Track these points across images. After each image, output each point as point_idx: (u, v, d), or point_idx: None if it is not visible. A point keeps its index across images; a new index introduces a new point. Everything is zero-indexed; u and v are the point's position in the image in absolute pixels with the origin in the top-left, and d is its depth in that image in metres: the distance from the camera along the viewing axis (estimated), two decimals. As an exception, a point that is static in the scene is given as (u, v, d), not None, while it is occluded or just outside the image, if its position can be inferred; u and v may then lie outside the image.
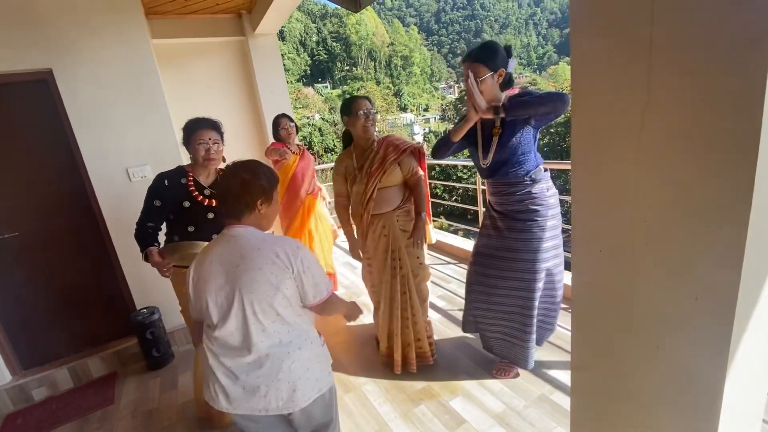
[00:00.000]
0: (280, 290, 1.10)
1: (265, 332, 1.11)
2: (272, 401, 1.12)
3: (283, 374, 1.12)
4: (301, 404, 1.15)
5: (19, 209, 2.37)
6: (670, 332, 0.85)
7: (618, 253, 0.91)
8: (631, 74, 0.80)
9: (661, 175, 0.79)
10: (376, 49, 75.88)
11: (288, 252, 1.12)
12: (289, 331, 1.15)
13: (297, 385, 1.13)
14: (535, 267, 1.81)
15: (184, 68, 3.78)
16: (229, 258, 1.11)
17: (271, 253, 1.11)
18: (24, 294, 2.43)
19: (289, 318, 1.15)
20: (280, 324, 1.13)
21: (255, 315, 1.09)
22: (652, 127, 0.78)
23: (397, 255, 2.06)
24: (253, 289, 1.08)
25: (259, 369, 1.11)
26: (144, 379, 2.48)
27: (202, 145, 1.77)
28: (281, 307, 1.12)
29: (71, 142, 2.39)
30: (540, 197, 1.78)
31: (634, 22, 0.77)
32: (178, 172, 1.84)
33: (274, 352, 1.12)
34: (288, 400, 1.13)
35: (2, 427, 2.21)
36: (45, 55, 2.26)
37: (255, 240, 1.13)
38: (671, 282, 0.82)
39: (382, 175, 1.99)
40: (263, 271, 1.09)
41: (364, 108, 1.97)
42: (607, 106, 0.86)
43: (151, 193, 1.79)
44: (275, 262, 1.10)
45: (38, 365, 2.52)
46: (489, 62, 1.66)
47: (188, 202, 1.79)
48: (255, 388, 1.11)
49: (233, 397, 1.13)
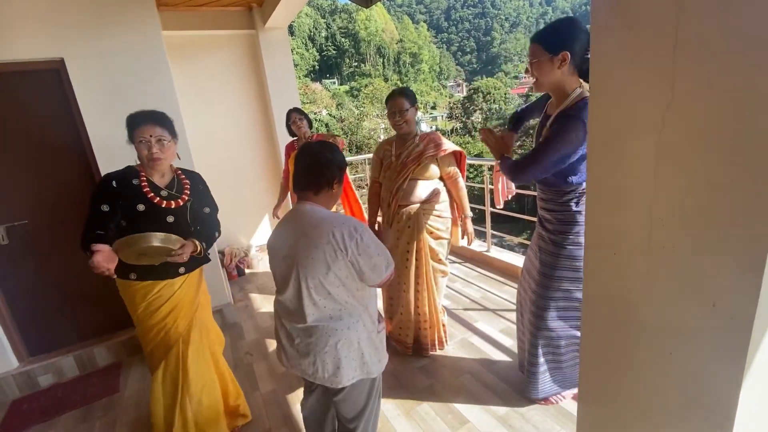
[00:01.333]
0: (332, 270, 1.14)
1: (316, 306, 1.18)
2: (319, 370, 1.20)
3: (329, 348, 1.19)
4: (344, 382, 1.21)
5: (29, 197, 2.38)
6: (684, 338, 0.83)
7: (633, 256, 0.89)
8: (654, 72, 0.77)
9: (681, 177, 0.77)
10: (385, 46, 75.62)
11: (344, 234, 1.14)
12: (340, 310, 1.20)
13: (341, 362, 1.20)
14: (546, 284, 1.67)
15: (194, 61, 3.79)
16: (293, 232, 1.19)
17: (328, 233, 1.14)
18: (32, 282, 2.45)
19: (341, 297, 1.19)
20: (331, 301, 1.18)
21: (308, 289, 1.16)
22: (674, 126, 0.76)
23: (418, 246, 2.10)
24: (308, 265, 1.14)
25: (309, 337, 1.19)
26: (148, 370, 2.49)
27: (143, 144, 1.58)
28: (332, 286, 1.17)
29: (81, 131, 2.40)
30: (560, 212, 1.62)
31: (660, 18, 0.74)
32: (129, 172, 1.64)
33: (323, 326, 1.18)
34: (332, 374, 1.20)
35: (8, 412, 2.23)
36: (57, 45, 2.26)
37: (316, 218, 1.17)
38: (688, 287, 0.80)
39: (417, 167, 2.02)
40: (318, 250, 1.13)
41: (396, 107, 2.02)
42: (626, 106, 0.84)
43: (96, 197, 1.57)
44: (330, 242, 1.13)
45: (45, 352, 2.54)
46: (546, 42, 1.40)
47: (143, 206, 1.59)
48: (305, 353, 1.21)
49: (290, 356, 1.25)
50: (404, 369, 2.17)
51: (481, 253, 3.51)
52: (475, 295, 2.92)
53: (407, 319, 2.19)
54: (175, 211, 1.66)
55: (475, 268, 3.42)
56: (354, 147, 33.49)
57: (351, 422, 1.35)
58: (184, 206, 1.68)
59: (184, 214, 1.68)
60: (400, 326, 2.23)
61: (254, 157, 4.11)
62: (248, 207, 4.23)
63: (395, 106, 2.02)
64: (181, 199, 1.68)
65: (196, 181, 1.79)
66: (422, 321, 2.20)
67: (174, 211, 1.65)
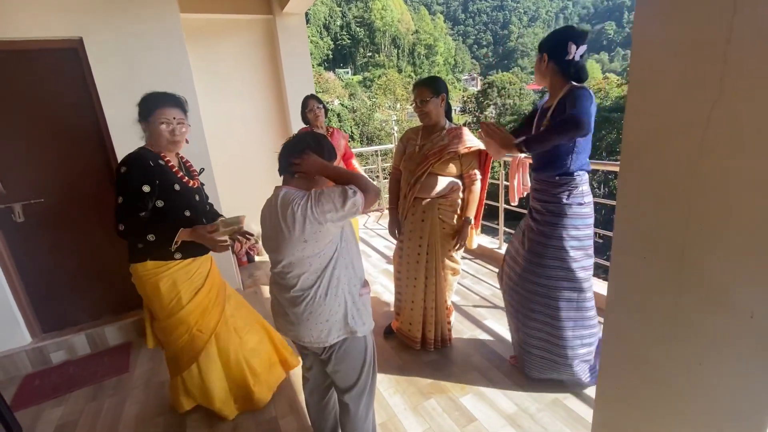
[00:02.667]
0: (308, 243, 1.19)
1: (299, 278, 1.24)
2: (306, 335, 1.29)
3: (315, 313, 1.26)
4: (330, 341, 1.29)
5: (45, 176, 2.40)
6: (716, 349, 0.79)
7: (664, 261, 0.85)
8: (702, 67, 0.73)
9: (725, 179, 0.73)
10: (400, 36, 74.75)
11: (301, 205, 1.18)
12: (319, 278, 1.25)
13: (327, 324, 1.27)
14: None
15: (211, 44, 3.76)
16: (271, 216, 1.24)
17: (293, 211, 1.18)
18: (47, 259, 2.48)
19: (320, 265, 1.24)
20: (313, 273, 1.24)
21: (290, 265, 1.23)
22: (720, 124, 0.72)
23: (430, 241, 2.07)
24: (285, 244, 1.20)
25: (296, 306, 1.27)
26: (158, 351, 2.50)
27: (166, 125, 1.56)
28: (312, 257, 1.22)
29: (98, 111, 2.40)
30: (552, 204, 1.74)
31: (713, 10, 0.69)
32: (150, 154, 1.60)
33: (307, 293, 1.25)
34: (318, 336, 1.28)
35: (20, 386, 2.28)
36: (77, 24, 2.26)
37: (285, 200, 1.20)
38: (725, 295, 0.76)
39: (438, 161, 1.97)
40: (292, 229, 1.18)
41: (418, 96, 1.98)
42: (668, 103, 0.80)
43: (134, 178, 1.51)
44: (297, 218, 1.17)
45: (57, 329, 2.58)
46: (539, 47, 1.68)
47: (178, 185, 1.61)
48: (295, 321, 1.29)
49: (283, 323, 1.34)
50: (412, 363, 2.16)
51: (493, 249, 3.47)
52: (485, 293, 2.89)
53: (417, 313, 2.17)
54: (198, 190, 1.74)
55: (486, 265, 3.38)
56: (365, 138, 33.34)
57: (346, 393, 1.38)
58: (200, 185, 1.78)
59: (201, 192, 1.77)
60: (410, 321, 2.21)
61: (267, 143, 4.08)
62: (260, 193, 4.21)
63: (418, 95, 1.97)
64: (196, 180, 1.76)
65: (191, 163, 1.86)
66: (428, 316, 2.17)
67: (197, 190, 1.73)
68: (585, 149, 1.68)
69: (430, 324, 2.19)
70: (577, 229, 1.71)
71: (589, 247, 1.76)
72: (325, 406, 1.56)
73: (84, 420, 1.98)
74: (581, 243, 1.73)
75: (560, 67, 1.61)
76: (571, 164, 1.68)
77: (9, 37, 2.15)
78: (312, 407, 1.56)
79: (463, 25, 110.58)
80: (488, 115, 32.67)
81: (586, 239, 1.73)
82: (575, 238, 1.72)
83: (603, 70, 62.42)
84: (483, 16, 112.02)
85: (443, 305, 2.17)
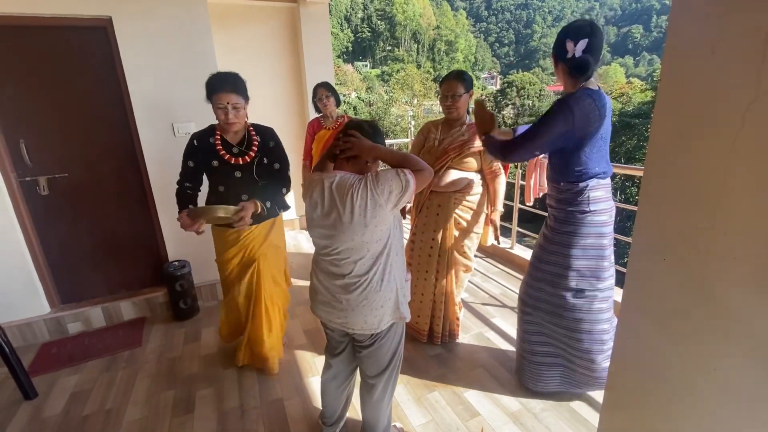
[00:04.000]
0: (368, 227, 1.17)
1: (356, 264, 1.23)
2: (359, 322, 1.28)
3: (371, 300, 1.25)
4: (381, 327, 1.30)
5: (71, 151, 2.46)
6: (734, 353, 0.78)
7: (686, 263, 0.84)
8: (738, 67, 0.71)
9: (756, 182, 0.71)
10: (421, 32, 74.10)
11: (361, 186, 1.17)
12: (375, 263, 1.24)
13: (381, 310, 1.27)
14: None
15: (235, 30, 3.79)
16: (323, 200, 1.21)
17: (353, 193, 1.17)
18: (68, 233, 2.56)
19: (377, 251, 1.23)
20: (369, 258, 1.23)
21: (348, 250, 1.21)
22: (756, 126, 0.70)
23: (443, 236, 2.07)
24: (345, 229, 1.18)
25: (350, 293, 1.25)
26: (170, 328, 2.58)
27: (221, 110, 1.72)
28: (371, 242, 1.21)
29: (123, 91, 2.45)
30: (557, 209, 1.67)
31: (753, 7, 0.67)
32: (208, 131, 1.84)
33: (363, 280, 1.24)
34: (371, 323, 1.28)
35: (38, 353, 2.37)
36: (107, 3, 2.29)
37: (343, 184, 1.19)
38: (747, 300, 0.75)
39: (457, 157, 1.96)
40: (352, 214, 1.16)
41: (450, 90, 1.95)
42: (701, 102, 0.78)
43: (185, 154, 1.85)
44: (357, 203, 1.16)
45: (75, 301, 2.67)
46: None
47: (216, 162, 1.80)
48: (347, 308, 1.27)
49: (330, 311, 1.31)
50: (418, 355, 2.17)
51: (505, 249, 3.45)
52: (495, 291, 2.88)
53: (426, 306, 2.18)
54: (243, 167, 1.83)
55: (497, 264, 3.36)
56: (380, 132, 33.17)
57: (377, 377, 1.40)
58: (251, 162, 1.85)
59: (250, 169, 1.85)
60: (418, 314, 2.22)
61: (286, 131, 4.10)
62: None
63: (449, 89, 1.93)
64: (248, 156, 1.84)
65: (267, 137, 1.92)
66: (437, 311, 2.18)
67: (242, 167, 1.83)
68: (595, 156, 1.55)
69: (439, 318, 2.19)
70: (580, 237, 1.60)
71: (598, 258, 1.62)
72: (343, 391, 1.57)
73: (97, 389, 2.05)
74: (585, 252, 1.61)
75: (566, 66, 1.54)
76: (578, 172, 1.57)
77: (41, 13, 2.20)
78: (330, 393, 1.56)
79: (485, 22, 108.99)
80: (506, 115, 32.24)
81: (591, 249, 1.61)
82: (578, 246, 1.61)
83: (627, 75, 60.90)
84: (506, 14, 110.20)
85: (453, 301, 2.17)
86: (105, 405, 1.93)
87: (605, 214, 1.60)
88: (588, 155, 1.54)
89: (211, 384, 2.03)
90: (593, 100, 1.46)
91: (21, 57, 2.26)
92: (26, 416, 1.89)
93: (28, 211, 2.43)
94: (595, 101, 1.46)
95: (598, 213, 1.59)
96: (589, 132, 1.49)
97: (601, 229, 1.60)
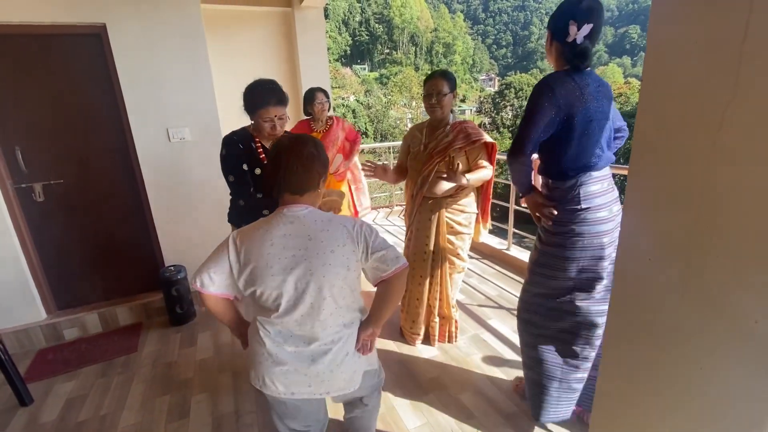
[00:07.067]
0: (351, 270, 1.09)
1: (333, 316, 1.11)
2: (335, 383, 1.15)
3: (348, 357, 1.15)
4: (358, 382, 1.20)
5: (66, 158, 2.47)
6: (719, 354, 0.78)
7: (670, 263, 0.84)
8: (716, 67, 0.72)
9: (735, 182, 0.72)
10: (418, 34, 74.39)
11: (355, 228, 1.11)
12: (351, 316, 1.17)
13: (356, 366, 1.18)
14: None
15: (228, 35, 3.81)
16: (296, 241, 1.06)
17: (342, 233, 1.08)
18: (64, 239, 2.56)
19: (356, 299, 1.17)
20: (346, 307, 1.14)
21: (332, 297, 1.08)
22: (733, 127, 0.70)
23: (437, 240, 2.06)
24: (326, 272, 1.05)
25: (325, 355, 1.11)
26: (166, 333, 2.58)
27: (268, 123, 1.69)
28: (350, 290, 1.13)
29: (118, 97, 2.46)
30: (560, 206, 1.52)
31: (729, 6, 0.68)
32: (247, 135, 1.76)
33: (339, 336, 1.13)
34: (349, 383, 1.17)
35: (34, 359, 2.36)
36: (101, 10, 2.31)
37: (321, 221, 1.09)
38: (729, 300, 0.75)
39: (443, 160, 1.94)
40: (335, 254, 1.06)
41: (434, 88, 1.90)
42: (681, 103, 0.78)
43: (231, 158, 1.71)
44: (346, 243, 1.08)
45: (71, 307, 2.67)
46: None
47: (259, 169, 1.75)
48: (318, 373, 1.11)
49: (291, 382, 1.11)
50: (412, 358, 2.17)
51: (501, 250, 3.45)
52: (491, 293, 2.88)
53: (421, 311, 2.17)
54: None
55: (493, 266, 3.36)
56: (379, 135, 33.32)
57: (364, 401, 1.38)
58: None
59: None
60: (413, 319, 2.21)
61: (281, 136, 4.14)
62: (271, 185, 4.28)
63: (433, 87, 1.89)
64: None
65: None
66: (433, 315, 2.18)
67: None
68: (586, 145, 1.42)
69: (433, 321, 2.20)
70: (576, 237, 1.49)
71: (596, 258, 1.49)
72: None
73: (93, 395, 2.04)
74: (582, 253, 1.50)
75: (563, 49, 1.41)
76: (566, 166, 1.46)
77: (36, 21, 2.22)
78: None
79: (483, 24, 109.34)
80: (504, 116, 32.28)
81: (589, 249, 1.48)
82: (575, 247, 1.50)
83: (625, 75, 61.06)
84: (504, 15, 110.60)
85: (447, 302, 2.17)
86: (100, 411, 1.93)
87: (603, 210, 1.46)
88: (576, 145, 1.42)
89: (207, 389, 2.03)
90: (572, 78, 1.38)
91: (16, 64, 2.27)
92: (22, 423, 1.88)
93: (23, 218, 2.44)
94: (574, 80, 1.37)
95: (594, 209, 1.46)
96: (574, 111, 1.37)
97: (599, 227, 1.46)
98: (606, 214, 1.47)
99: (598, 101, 1.41)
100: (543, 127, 1.40)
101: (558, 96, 1.36)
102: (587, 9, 1.34)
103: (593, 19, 1.34)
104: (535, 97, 1.40)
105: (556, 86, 1.36)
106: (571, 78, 1.38)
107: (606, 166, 1.49)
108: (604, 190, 1.47)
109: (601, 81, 1.45)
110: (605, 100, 1.43)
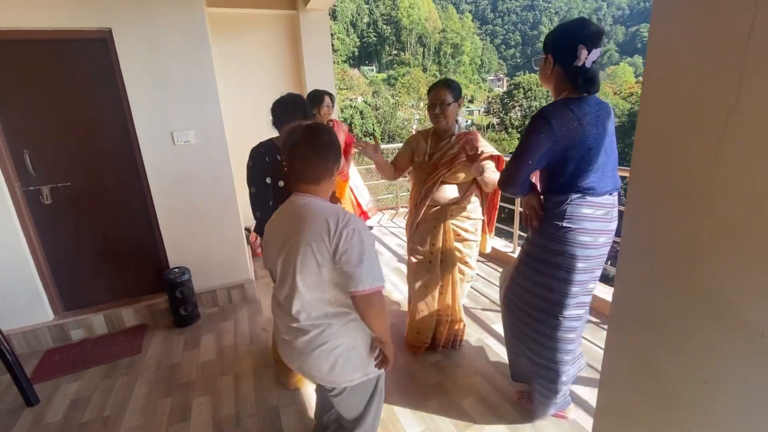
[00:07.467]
0: (322, 268, 1.08)
1: (309, 305, 1.13)
2: (312, 370, 1.17)
3: (325, 349, 1.15)
4: (341, 383, 1.20)
5: (73, 161, 2.50)
6: (724, 367, 0.75)
7: (672, 271, 0.81)
8: (720, 69, 0.69)
9: (740, 186, 0.69)
10: (426, 35, 74.28)
11: (332, 226, 1.07)
12: (335, 309, 1.15)
13: (337, 363, 1.16)
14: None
15: (234, 38, 3.83)
16: (288, 227, 1.14)
17: (321, 229, 1.07)
18: (71, 241, 2.59)
19: (335, 297, 1.14)
20: (324, 302, 1.14)
21: (306, 287, 1.11)
22: (738, 131, 0.68)
23: (444, 248, 2.02)
24: (302, 262, 1.09)
25: (304, 336, 1.15)
26: (170, 335, 2.60)
27: None
28: (326, 285, 1.11)
29: (124, 101, 2.48)
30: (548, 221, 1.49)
31: (733, 6, 0.66)
32: (272, 148, 1.76)
33: (318, 323, 1.14)
34: (327, 374, 1.16)
35: (42, 359, 2.39)
36: (107, 15, 2.33)
37: (311, 213, 1.10)
38: (734, 312, 0.72)
39: (448, 173, 1.91)
40: (310, 247, 1.07)
41: (437, 98, 1.87)
42: (684, 105, 0.76)
43: (258, 170, 1.74)
44: (323, 239, 1.06)
45: (78, 308, 2.70)
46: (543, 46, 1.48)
47: (282, 182, 1.78)
48: (300, 351, 1.17)
49: (285, 352, 1.23)
50: (415, 363, 2.14)
51: (506, 253, 3.41)
52: (496, 297, 2.84)
53: (428, 320, 2.12)
54: None
55: (498, 269, 3.32)
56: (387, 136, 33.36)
57: (351, 423, 1.33)
58: None
59: None
60: (418, 330, 2.17)
61: (286, 138, 4.15)
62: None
63: (437, 97, 1.86)
64: None
65: None
66: (441, 323, 2.14)
67: None
68: (584, 169, 1.38)
69: (444, 327, 2.15)
70: (551, 254, 1.46)
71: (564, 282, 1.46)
72: (326, 407, 1.55)
73: (97, 396, 2.06)
74: (553, 272, 1.47)
75: (567, 73, 1.37)
76: (560, 184, 1.43)
77: (43, 27, 2.25)
78: (319, 403, 1.56)
79: (491, 24, 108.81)
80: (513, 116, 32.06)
81: (562, 269, 1.45)
82: (548, 263, 1.48)
83: (636, 74, 60.17)
84: (512, 15, 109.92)
85: (456, 308, 2.13)
86: (104, 412, 1.94)
87: (587, 235, 1.40)
88: (574, 168, 1.38)
89: (208, 391, 2.04)
90: (570, 110, 1.33)
91: (24, 70, 2.31)
92: (27, 422, 1.91)
93: (31, 220, 2.47)
94: (573, 111, 1.33)
95: (577, 231, 1.40)
96: (573, 143, 1.34)
97: (576, 250, 1.41)
98: (588, 239, 1.41)
99: (598, 127, 1.36)
100: (538, 158, 1.38)
101: (555, 129, 1.32)
102: (597, 33, 1.32)
103: (601, 44, 1.33)
104: (532, 132, 1.35)
105: (554, 120, 1.32)
106: (569, 109, 1.34)
107: (608, 194, 1.43)
108: (597, 217, 1.41)
109: (600, 104, 1.41)
110: (606, 122, 1.39)
